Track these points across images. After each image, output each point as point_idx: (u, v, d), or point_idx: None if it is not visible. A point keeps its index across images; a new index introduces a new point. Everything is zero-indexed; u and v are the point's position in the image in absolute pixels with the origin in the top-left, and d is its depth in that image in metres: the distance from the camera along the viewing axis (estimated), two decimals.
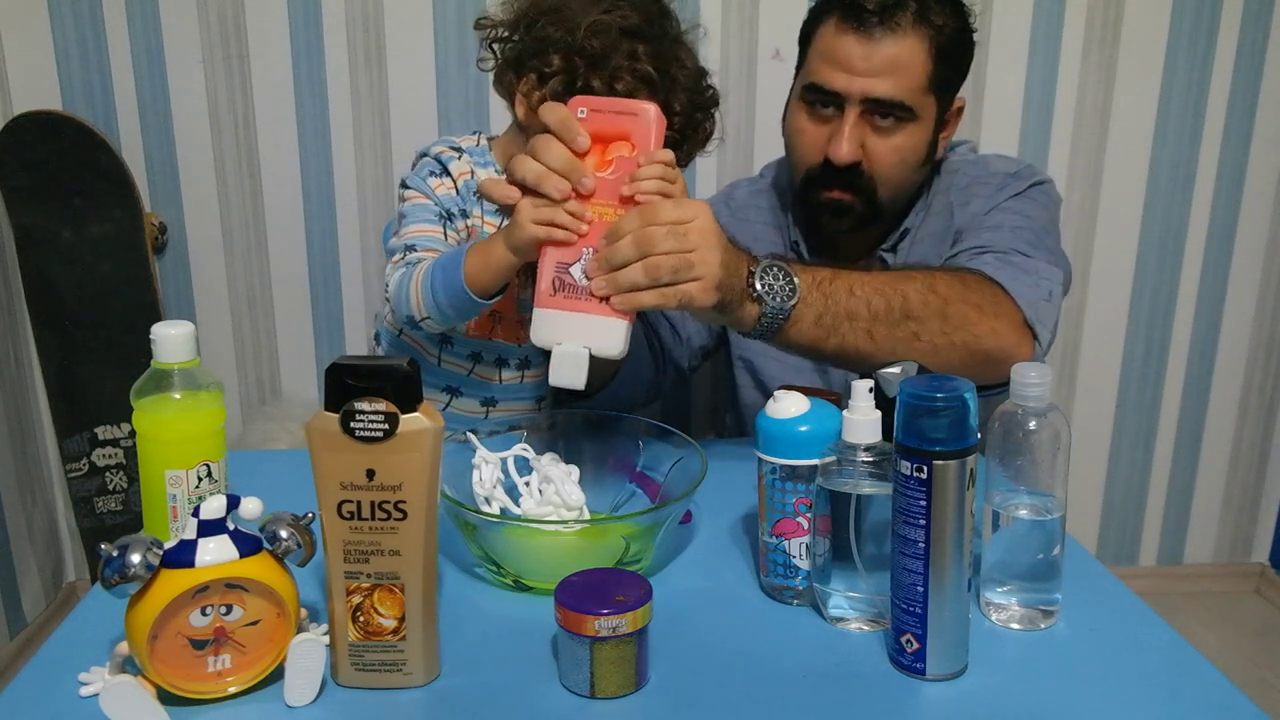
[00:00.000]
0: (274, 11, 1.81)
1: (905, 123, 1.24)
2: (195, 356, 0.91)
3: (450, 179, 1.21)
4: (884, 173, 1.26)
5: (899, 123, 1.24)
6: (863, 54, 1.21)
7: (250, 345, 1.97)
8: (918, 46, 1.22)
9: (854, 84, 1.22)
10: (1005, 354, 1.10)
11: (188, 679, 0.72)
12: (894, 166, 1.26)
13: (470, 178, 1.22)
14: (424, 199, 1.20)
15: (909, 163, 1.27)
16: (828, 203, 1.28)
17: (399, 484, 0.72)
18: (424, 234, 1.19)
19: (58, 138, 1.79)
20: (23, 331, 1.90)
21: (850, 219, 1.29)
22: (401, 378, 0.71)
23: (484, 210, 1.21)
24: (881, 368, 0.88)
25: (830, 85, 1.23)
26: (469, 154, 1.24)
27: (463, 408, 1.29)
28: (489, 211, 1.21)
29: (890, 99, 1.22)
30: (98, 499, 1.92)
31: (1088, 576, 0.92)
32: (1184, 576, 2.24)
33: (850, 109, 1.23)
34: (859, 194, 1.27)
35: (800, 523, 0.85)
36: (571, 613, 0.73)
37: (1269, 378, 2.13)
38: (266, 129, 1.86)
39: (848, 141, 1.23)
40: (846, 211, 1.28)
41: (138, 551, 0.69)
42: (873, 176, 1.26)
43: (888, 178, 1.27)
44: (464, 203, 1.21)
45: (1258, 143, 1.97)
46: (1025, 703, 0.75)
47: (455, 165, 1.22)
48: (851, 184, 1.26)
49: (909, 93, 1.22)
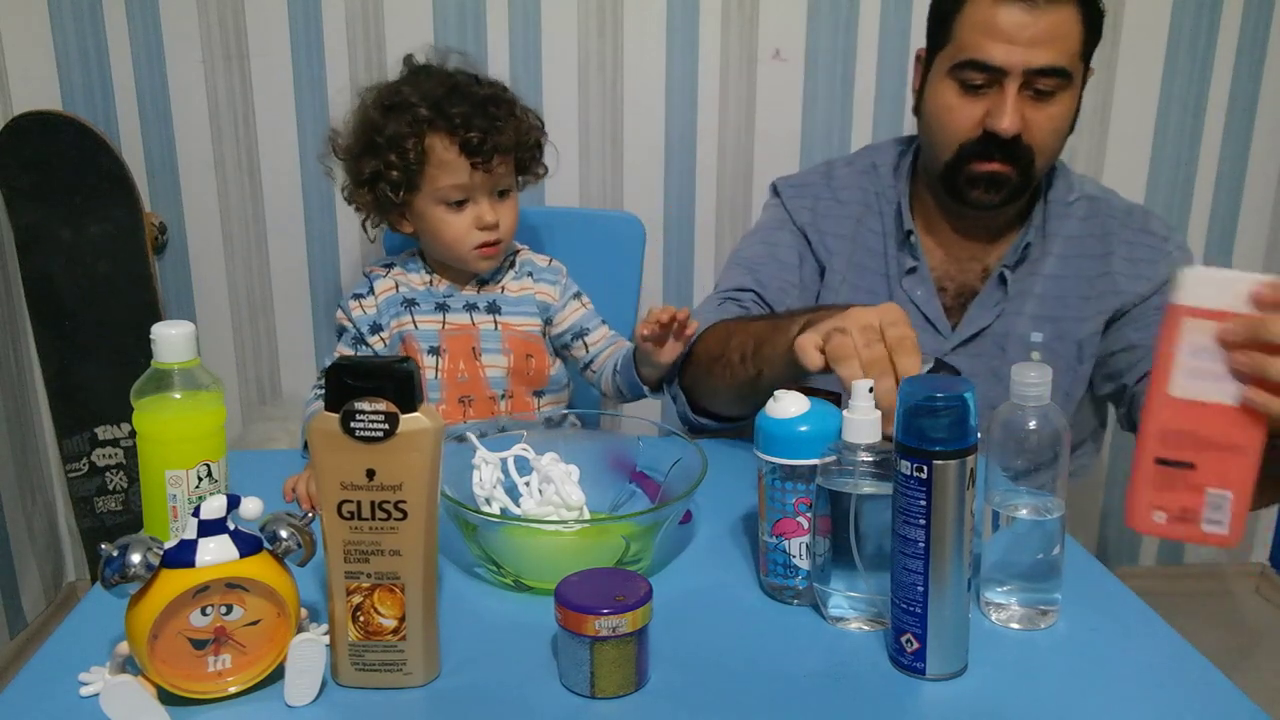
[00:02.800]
0: (274, 11, 1.81)
1: (1062, 91, 1.25)
2: (195, 356, 0.91)
3: (373, 296, 1.33)
4: (1042, 142, 1.28)
5: (1056, 93, 1.25)
6: (1026, 23, 1.22)
7: (250, 345, 1.97)
8: (1074, 14, 1.23)
9: (1013, 55, 1.22)
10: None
11: (188, 679, 0.72)
12: (1051, 135, 1.28)
13: (395, 292, 1.34)
14: (343, 320, 1.34)
15: (1062, 131, 1.29)
16: (984, 175, 1.29)
17: (399, 484, 0.72)
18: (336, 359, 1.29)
19: (58, 138, 1.79)
20: (23, 331, 1.90)
21: (1006, 191, 1.30)
22: (401, 378, 0.71)
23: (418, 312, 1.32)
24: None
25: (991, 59, 1.23)
26: (399, 265, 1.36)
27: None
28: (424, 312, 1.32)
29: (1054, 67, 1.23)
30: (98, 499, 1.91)
31: (1088, 576, 0.92)
32: (1184, 576, 2.24)
33: (1011, 81, 1.24)
34: (1016, 164, 1.28)
35: (800, 523, 0.85)
36: (571, 612, 0.73)
37: None
38: (266, 129, 1.86)
39: (1011, 113, 1.24)
40: (1003, 184, 1.29)
41: (138, 551, 0.69)
42: (1031, 146, 1.27)
43: (1045, 147, 1.28)
44: (381, 317, 1.33)
45: (1258, 143, 1.97)
46: (1025, 703, 0.75)
47: (380, 284, 1.34)
48: (1011, 155, 1.27)
49: (1069, 59, 1.24)
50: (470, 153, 1.24)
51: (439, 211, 1.27)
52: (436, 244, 1.30)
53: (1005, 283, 1.35)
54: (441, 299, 1.33)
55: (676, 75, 1.86)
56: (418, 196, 1.27)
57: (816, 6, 1.85)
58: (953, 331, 1.36)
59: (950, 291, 1.38)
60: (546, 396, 1.35)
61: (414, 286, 1.33)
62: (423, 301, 1.32)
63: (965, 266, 1.38)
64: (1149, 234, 1.36)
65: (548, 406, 1.35)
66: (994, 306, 1.35)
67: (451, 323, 1.31)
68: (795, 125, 1.90)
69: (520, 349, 1.32)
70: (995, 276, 1.35)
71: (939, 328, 1.36)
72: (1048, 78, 1.23)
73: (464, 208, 1.27)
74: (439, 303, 1.32)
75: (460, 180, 1.25)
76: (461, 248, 1.28)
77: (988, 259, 1.38)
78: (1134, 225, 1.37)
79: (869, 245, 1.40)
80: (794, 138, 1.90)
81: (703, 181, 1.92)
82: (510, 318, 1.33)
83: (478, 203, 1.27)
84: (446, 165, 1.25)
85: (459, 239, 1.28)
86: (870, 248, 1.40)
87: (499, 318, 1.33)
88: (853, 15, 1.85)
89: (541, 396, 1.35)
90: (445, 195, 1.26)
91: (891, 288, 1.38)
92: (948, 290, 1.38)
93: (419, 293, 1.33)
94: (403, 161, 1.25)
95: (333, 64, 1.83)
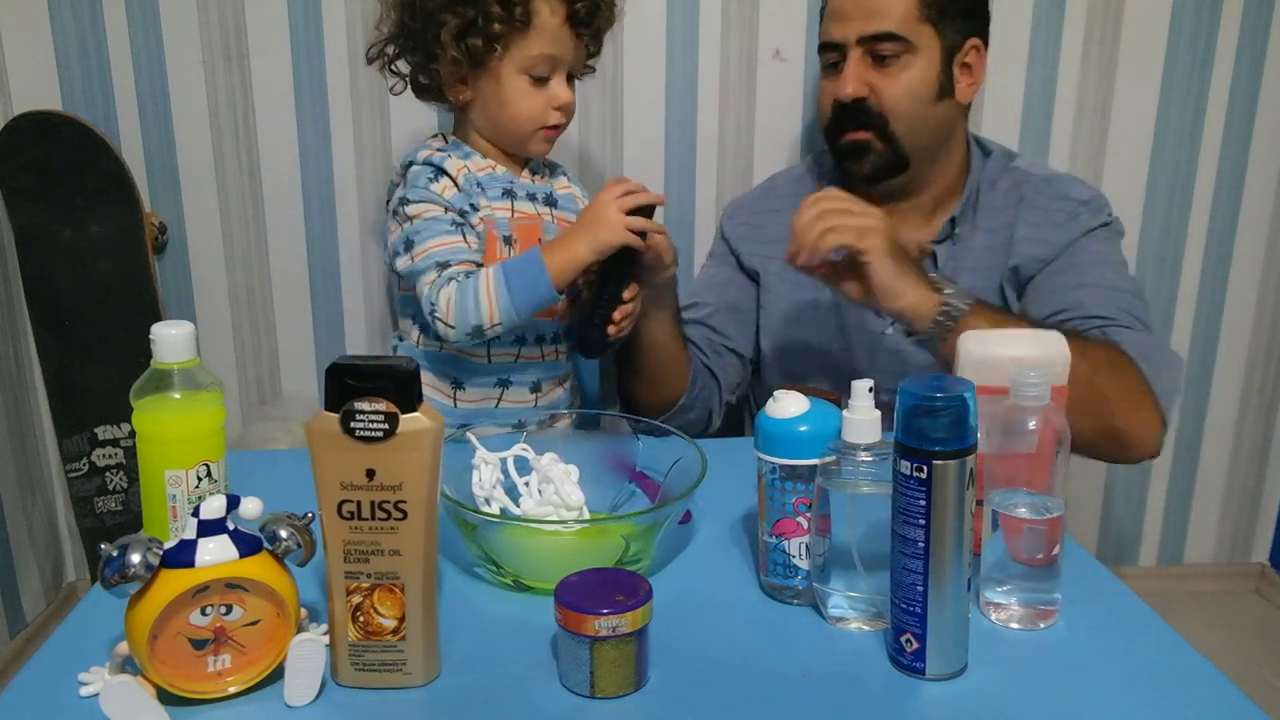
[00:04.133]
0: (274, 11, 1.81)
1: (905, 55, 1.30)
2: (195, 356, 0.91)
3: (449, 178, 1.23)
4: (893, 105, 1.32)
5: (898, 56, 1.30)
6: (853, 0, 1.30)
7: (250, 345, 1.97)
8: None
9: (849, 28, 1.31)
10: (1134, 444, 1.19)
11: (188, 679, 0.72)
12: (901, 99, 1.32)
13: (467, 172, 1.23)
14: (434, 208, 1.23)
15: (918, 94, 1.32)
16: (847, 145, 1.35)
17: (399, 484, 0.72)
18: (449, 247, 1.22)
19: (58, 138, 1.79)
20: (23, 331, 1.90)
21: (871, 158, 1.35)
22: (401, 377, 0.71)
23: (488, 197, 1.23)
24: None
25: (830, 36, 1.33)
26: (450, 150, 1.25)
27: (514, 399, 1.33)
28: (493, 197, 1.22)
29: (880, 31, 1.29)
30: (98, 499, 1.91)
31: (1088, 576, 0.92)
32: (1184, 576, 2.24)
33: (852, 53, 1.31)
34: (872, 129, 1.33)
35: (800, 523, 0.85)
36: (571, 612, 0.73)
37: (1269, 378, 2.13)
38: (266, 129, 1.86)
39: (850, 79, 1.31)
40: (865, 150, 1.35)
41: (138, 551, 0.69)
42: (882, 111, 1.32)
43: (899, 110, 1.32)
44: (470, 197, 1.23)
45: (1258, 143, 1.97)
46: (1025, 703, 0.75)
47: (449, 163, 1.24)
48: (863, 121, 1.33)
49: (899, 23, 1.29)
50: (577, 23, 1.19)
51: (520, 83, 1.20)
52: (503, 116, 1.23)
53: (936, 259, 1.38)
54: (507, 185, 1.26)
55: (676, 75, 1.86)
56: (503, 60, 1.19)
57: (816, 6, 1.84)
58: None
59: None
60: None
61: (475, 171, 1.25)
62: (488, 186, 1.25)
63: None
64: (1063, 199, 1.37)
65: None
66: None
67: (521, 211, 1.26)
68: (795, 125, 1.89)
69: None
70: (929, 257, 1.39)
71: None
72: (882, 43, 1.29)
73: (544, 85, 1.21)
74: (505, 188, 1.26)
75: (555, 51, 1.19)
76: (532, 125, 1.22)
77: (923, 238, 1.41)
78: (1048, 192, 1.38)
79: None
80: (794, 138, 1.90)
81: (703, 181, 1.92)
82: (564, 212, 1.30)
83: (558, 78, 1.22)
84: (547, 33, 1.18)
85: (533, 116, 1.21)
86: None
87: (555, 211, 1.28)
88: None
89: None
90: (533, 66, 1.20)
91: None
92: None
93: (484, 177, 1.25)
94: (508, 14, 1.17)
95: (333, 64, 1.83)
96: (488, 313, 1.18)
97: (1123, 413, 1.16)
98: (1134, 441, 1.19)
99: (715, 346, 1.48)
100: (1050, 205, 1.37)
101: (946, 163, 1.41)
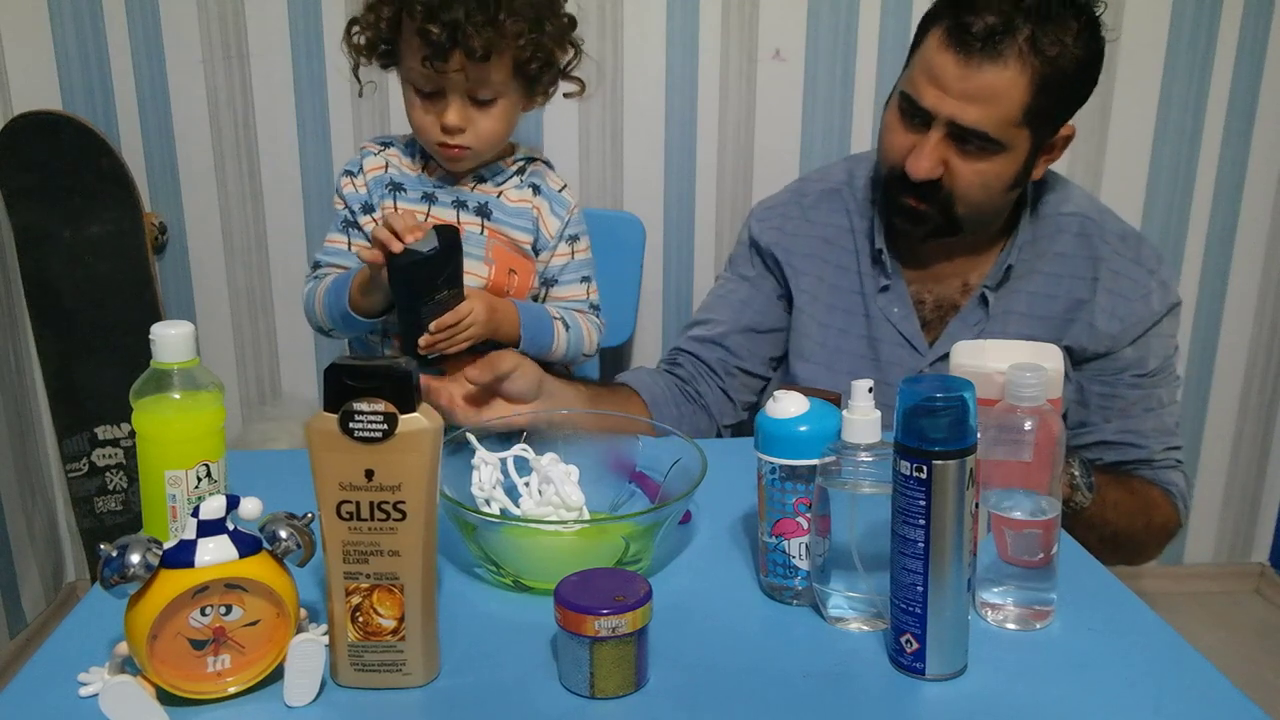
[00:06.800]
0: (274, 11, 1.81)
1: (991, 153, 1.20)
2: (195, 356, 0.90)
3: (362, 176, 1.26)
4: (964, 193, 1.23)
5: (984, 151, 1.20)
6: (958, 76, 1.17)
7: (250, 345, 1.97)
8: (1018, 79, 1.17)
9: (943, 104, 1.19)
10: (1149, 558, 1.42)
11: (187, 679, 0.72)
12: (975, 189, 1.23)
13: (383, 172, 1.25)
14: (339, 205, 1.28)
15: (992, 187, 1.24)
16: (903, 208, 1.27)
17: (398, 484, 0.72)
18: (329, 245, 1.29)
19: (58, 138, 1.79)
20: (23, 331, 1.90)
21: (926, 228, 1.27)
22: (400, 378, 0.71)
23: (406, 200, 1.25)
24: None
25: (920, 100, 1.20)
26: (395, 146, 1.28)
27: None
28: (410, 200, 1.24)
29: (975, 129, 1.18)
30: (98, 499, 1.92)
31: (1086, 576, 0.92)
32: (1184, 576, 2.24)
33: (936, 127, 1.20)
34: (934, 205, 1.25)
35: (800, 523, 0.85)
36: (571, 613, 0.73)
37: (1269, 378, 2.13)
38: (266, 129, 1.86)
39: (926, 159, 1.21)
40: (922, 220, 1.27)
41: (137, 551, 0.69)
42: (952, 193, 1.23)
43: (968, 198, 1.24)
44: (370, 197, 1.25)
45: (1258, 143, 1.97)
46: (1025, 703, 0.75)
47: (368, 161, 1.27)
48: (927, 196, 1.24)
49: (997, 125, 1.18)
50: (426, 43, 1.10)
51: (409, 94, 1.18)
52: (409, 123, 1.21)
53: (987, 303, 1.32)
54: (430, 189, 1.24)
55: (676, 75, 1.86)
56: (400, 66, 1.17)
57: (816, 6, 1.85)
58: (929, 349, 1.35)
59: (929, 305, 1.36)
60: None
61: (404, 170, 1.24)
62: (410, 188, 1.23)
63: (945, 281, 1.36)
64: (1138, 265, 1.32)
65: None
66: (974, 325, 1.33)
67: (436, 216, 1.22)
68: (795, 125, 1.90)
69: (505, 261, 1.22)
70: (977, 296, 1.33)
71: (915, 345, 1.35)
72: (970, 136, 1.19)
73: (434, 100, 1.15)
74: (426, 193, 1.23)
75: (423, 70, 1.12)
76: (425, 137, 1.19)
77: (969, 274, 1.35)
78: (1126, 254, 1.32)
79: (841, 263, 1.38)
80: (794, 137, 1.90)
81: (703, 181, 1.92)
82: (501, 225, 1.23)
83: (447, 100, 1.14)
84: (412, 50, 1.13)
85: (422, 128, 1.17)
86: (842, 265, 1.38)
87: (487, 222, 1.22)
88: (853, 15, 1.85)
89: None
90: (414, 81, 1.16)
91: (867, 305, 1.37)
92: (926, 304, 1.36)
93: (408, 178, 1.24)
94: (375, 28, 1.15)
95: (333, 64, 1.83)
96: (321, 318, 1.25)
97: (1153, 550, 1.39)
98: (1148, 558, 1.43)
99: (729, 367, 1.42)
100: (1128, 272, 1.31)
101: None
